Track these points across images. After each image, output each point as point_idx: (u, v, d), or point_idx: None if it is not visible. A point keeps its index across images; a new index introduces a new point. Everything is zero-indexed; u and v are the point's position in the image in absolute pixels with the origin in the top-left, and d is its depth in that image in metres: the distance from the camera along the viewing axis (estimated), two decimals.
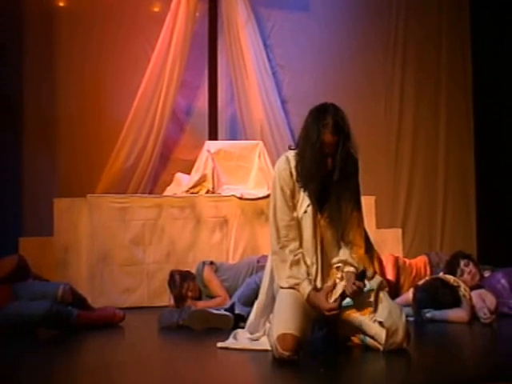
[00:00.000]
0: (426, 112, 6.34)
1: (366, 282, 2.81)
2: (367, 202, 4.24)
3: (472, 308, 3.64)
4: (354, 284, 2.71)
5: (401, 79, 6.29)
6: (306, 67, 6.03)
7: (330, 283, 2.83)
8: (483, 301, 3.67)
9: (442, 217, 6.26)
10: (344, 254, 2.84)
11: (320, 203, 2.82)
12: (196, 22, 5.62)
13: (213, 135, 5.52)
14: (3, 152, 5.26)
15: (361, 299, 2.79)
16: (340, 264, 2.83)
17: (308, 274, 2.81)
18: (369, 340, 2.84)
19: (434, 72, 6.39)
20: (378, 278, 2.90)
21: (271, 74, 5.86)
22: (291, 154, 2.85)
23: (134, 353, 3.07)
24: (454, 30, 6.45)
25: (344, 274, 2.81)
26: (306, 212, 2.81)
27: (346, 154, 2.70)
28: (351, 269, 2.81)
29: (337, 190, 2.77)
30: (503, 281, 3.81)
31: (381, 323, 2.77)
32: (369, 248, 2.92)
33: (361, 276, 2.75)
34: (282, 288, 2.84)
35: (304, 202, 2.81)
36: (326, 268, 2.86)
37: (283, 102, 5.91)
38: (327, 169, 2.72)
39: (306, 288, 2.77)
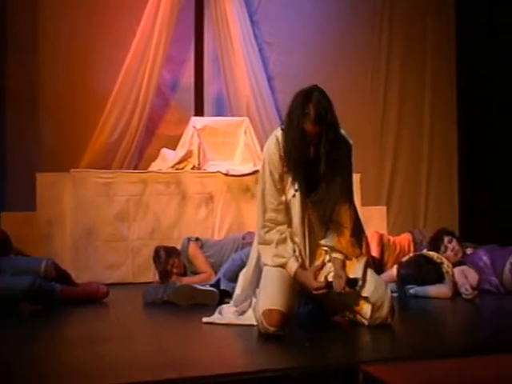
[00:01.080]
0: (411, 90, 6.34)
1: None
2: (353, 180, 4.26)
3: (455, 284, 3.69)
4: (343, 289, 2.72)
5: (387, 56, 6.27)
6: (293, 44, 5.98)
7: (318, 263, 2.84)
8: (465, 277, 3.73)
9: (426, 195, 6.30)
10: (332, 238, 2.84)
11: (309, 187, 2.81)
12: None
13: (199, 111, 5.48)
14: None
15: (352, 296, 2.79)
16: (328, 248, 2.84)
17: (294, 251, 2.81)
18: (354, 315, 2.86)
19: (419, 48, 6.37)
20: (364, 255, 2.91)
21: (258, 51, 5.80)
22: (281, 134, 2.81)
23: (119, 327, 3.06)
24: (440, 3, 6.42)
25: (332, 260, 2.82)
26: (294, 196, 2.80)
27: (330, 144, 2.66)
28: (338, 255, 2.82)
29: (326, 175, 2.74)
30: (485, 258, 3.86)
31: (366, 298, 2.80)
32: (358, 230, 2.92)
33: (352, 283, 2.75)
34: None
35: (293, 184, 2.80)
36: (313, 250, 2.87)
37: (269, 79, 5.86)
38: (310, 156, 2.70)
39: (293, 265, 2.78)
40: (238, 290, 3.08)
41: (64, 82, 5.39)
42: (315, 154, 2.69)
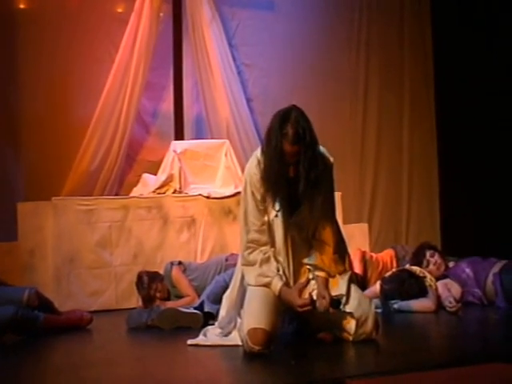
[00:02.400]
0: (389, 108, 6.42)
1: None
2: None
3: (438, 298, 3.71)
4: (327, 310, 2.73)
5: (365, 75, 6.35)
6: (272, 66, 6.05)
7: (302, 280, 2.84)
8: (449, 290, 3.75)
9: (407, 211, 6.35)
10: (314, 256, 2.85)
11: (291, 207, 2.82)
12: (160, 23, 5.57)
13: (179, 136, 5.50)
14: None
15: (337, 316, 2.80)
16: (311, 267, 2.85)
17: (278, 270, 2.82)
18: (339, 331, 2.87)
19: (397, 68, 6.46)
20: (348, 272, 2.92)
21: (236, 73, 5.87)
22: (261, 155, 2.81)
23: (103, 353, 3.03)
24: (416, 22, 6.55)
25: (315, 278, 2.82)
26: (276, 216, 2.81)
27: (309, 163, 2.68)
28: (321, 274, 2.83)
29: (308, 194, 2.75)
30: (468, 270, 3.90)
31: (350, 314, 2.81)
32: (341, 247, 2.93)
33: (336, 304, 2.76)
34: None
35: (275, 205, 2.81)
36: (297, 268, 2.87)
37: (249, 101, 5.91)
38: (290, 176, 2.72)
39: (278, 284, 2.78)
40: (222, 312, 3.07)
41: (44, 109, 5.38)
42: (295, 173, 2.71)
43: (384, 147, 6.38)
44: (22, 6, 5.43)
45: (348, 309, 2.81)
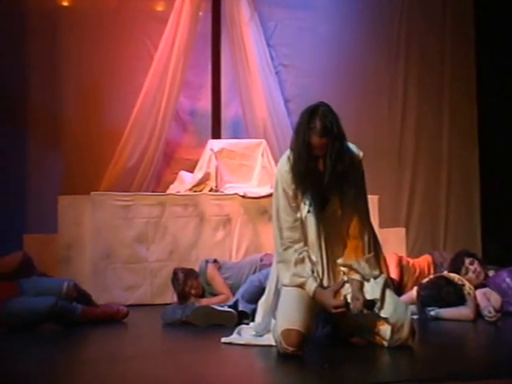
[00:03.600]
0: (429, 110, 6.33)
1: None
2: (370, 201, 4.18)
3: (477, 306, 3.64)
4: (361, 311, 2.71)
5: (404, 78, 6.29)
6: (309, 66, 6.03)
7: (337, 282, 2.82)
8: (488, 299, 3.67)
9: (446, 216, 6.25)
10: (349, 257, 2.82)
11: (323, 203, 2.81)
12: (199, 21, 5.63)
13: (216, 134, 5.53)
14: (9, 151, 5.27)
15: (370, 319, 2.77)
16: (345, 269, 2.83)
17: (313, 272, 2.81)
18: (373, 336, 2.84)
19: (437, 70, 6.38)
20: (383, 276, 2.89)
21: (274, 73, 5.86)
22: (290, 152, 2.84)
23: (137, 347, 3.07)
24: (458, 24, 6.43)
25: (349, 281, 2.80)
26: (309, 212, 2.81)
27: (335, 156, 2.68)
28: (356, 276, 2.80)
29: (338, 189, 2.76)
30: (508, 280, 3.80)
31: (386, 319, 2.77)
32: (376, 249, 2.91)
33: (369, 305, 2.74)
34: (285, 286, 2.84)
35: (307, 201, 2.81)
36: (331, 266, 2.86)
37: (286, 102, 5.91)
38: (320, 171, 2.72)
39: (312, 285, 2.77)
40: (258, 318, 3.06)
41: (84, 107, 5.49)
42: (324, 167, 2.71)
43: (422, 149, 6.29)
44: (64, 4, 5.54)
45: (383, 314, 2.78)
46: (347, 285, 2.82)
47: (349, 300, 2.75)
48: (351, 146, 2.85)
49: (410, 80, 6.30)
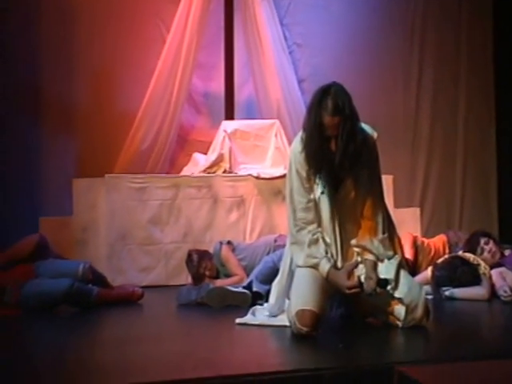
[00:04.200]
0: (444, 87, 6.24)
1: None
2: (385, 181, 4.17)
3: (492, 286, 3.62)
4: (374, 290, 2.70)
5: (420, 57, 6.20)
6: (324, 45, 5.96)
7: (351, 262, 2.82)
8: (504, 279, 3.64)
9: (461, 195, 6.18)
10: (363, 237, 2.81)
11: (337, 184, 2.80)
12: (211, 2, 5.57)
13: (229, 115, 5.51)
14: (23, 135, 5.30)
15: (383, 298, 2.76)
16: (358, 249, 2.82)
17: (327, 253, 2.80)
18: (387, 316, 2.83)
19: (453, 49, 6.29)
20: (398, 256, 2.87)
21: (288, 53, 5.81)
22: (302, 132, 2.83)
23: (153, 328, 3.10)
24: (475, 3, 6.31)
25: (363, 261, 2.79)
26: (323, 193, 2.79)
27: (348, 136, 2.66)
28: (370, 257, 2.79)
29: (351, 169, 2.74)
30: None
31: (400, 300, 2.77)
32: (390, 229, 2.89)
33: (383, 284, 2.72)
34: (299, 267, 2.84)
35: (321, 183, 2.79)
36: (345, 247, 2.85)
37: (300, 81, 5.86)
38: (332, 151, 2.70)
39: (326, 266, 2.76)
40: (271, 300, 3.07)
41: (97, 90, 5.49)
42: (336, 147, 2.69)
43: (438, 128, 6.22)
44: None
45: (398, 294, 2.77)
46: (361, 265, 2.81)
47: (362, 280, 2.74)
48: (365, 126, 2.82)
49: (426, 58, 6.21)
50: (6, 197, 5.15)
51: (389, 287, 2.74)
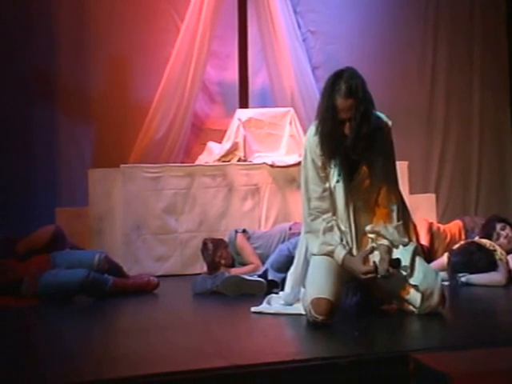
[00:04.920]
0: (459, 75, 6.18)
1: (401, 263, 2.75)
2: (400, 168, 4.15)
3: (509, 272, 3.59)
4: (387, 271, 2.68)
5: (434, 42, 6.14)
6: (337, 33, 5.92)
7: (366, 249, 2.80)
8: None
9: (477, 181, 6.13)
10: (377, 224, 2.80)
11: (351, 172, 2.79)
12: None
13: (243, 104, 5.50)
14: (38, 125, 5.34)
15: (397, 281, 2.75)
16: (373, 235, 2.80)
17: (341, 240, 2.79)
18: (403, 304, 2.82)
19: (467, 34, 6.20)
20: (413, 243, 2.86)
21: (301, 41, 5.77)
22: (316, 118, 2.82)
23: (169, 317, 3.11)
24: None
25: (377, 246, 2.77)
26: (338, 182, 2.79)
27: (361, 119, 2.64)
28: (384, 242, 2.77)
29: (368, 157, 2.73)
30: None
31: (416, 287, 2.75)
32: (405, 216, 2.87)
33: (396, 263, 2.70)
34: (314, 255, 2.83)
35: (336, 171, 2.78)
36: (360, 236, 2.84)
37: (314, 69, 5.83)
38: (346, 135, 2.68)
39: (341, 253, 2.75)
40: (287, 289, 3.06)
41: (111, 80, 5.51)
42: (350, 131, 2.67)
43: (453, 114, 6.16)
44: None
45: (413, 281, 2.75)
46: (376, 252, 2.79)
47: (378, 264, 2.72)
48: (380, 114, 2.81)
49: (440, 44, 6.14)
50: (23, 188, 5.20)
51: (403, 272, 2.72)
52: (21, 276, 3.56)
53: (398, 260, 2.71)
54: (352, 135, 2.66)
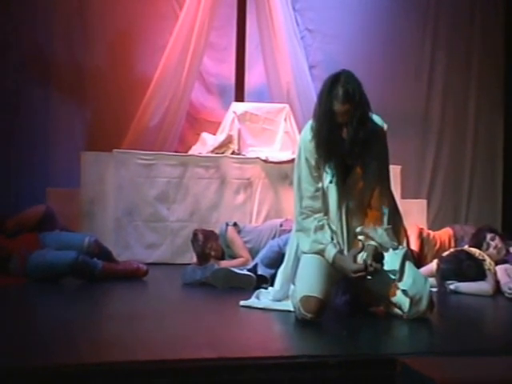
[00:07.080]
0: (455, 80, 6.22)
1: (386, 260, 2.76)
2: (393, 172, 4.18)
3: (497, 282, 3.62)
4: (370, 265, 2.69)
5: (431, 45, 6.16)
6: (335, 32, 5.93)
7: (356, 248, 2.81)
8: (508, 276, 3.64)
9: (469, 189, 6.19)
10: (368, 225, 2.81)
11: (345, 173, 2.79)
12: None
13: (239, 97, 5.49)
14: (32, 104, 5.29)
15: (382, 278, 2.76)
16: (362, 237, 2.81)
17: (332, 239, 2.80)
18: (392, 308, 2.84)
19: (465, 38, 6.24)
20: (403, 248, 2.87)
21: (300, 38, 5.77)
22: (312, 120, 2.81)
23: (157, 306, 3.11)
24: None
25: (365, 247, 2.78)
26: (331, 182, 2.79)
27: (358, 123, 2.65)
28: (372, 243, 2.78)
29: (361, 159, 2.74)
30: None
31: (405, 292, 2.76)
32: (396, 220, 2.89)
33: (379, 258, 2.72)
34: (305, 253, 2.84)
35: (330, 172, 2.79)
36: (351, 237, 2.84)
37: (310, 67, 5.84)
38: (342, 139, 2.69)
39: (331, 251, 2.76)
40: (276, 286, 3.07)
41: (107, 65, 5.47)
42: (346, 135, 2.68)
43: (448, 121, 6.20)
44: None
45: (402, 286, 2.76)
46: (364, 252, 2.79)
47: (367, 263, 2.72)
48: (376, 117, 2.82)
49: (438, 47, 6.16)
50: (15, 167, 5.15)
51: (391, 276, 2.72)
52: (10, 252, 3.52)
53: (381, 254, 2.72)
54: (349, 139, 2.67)
